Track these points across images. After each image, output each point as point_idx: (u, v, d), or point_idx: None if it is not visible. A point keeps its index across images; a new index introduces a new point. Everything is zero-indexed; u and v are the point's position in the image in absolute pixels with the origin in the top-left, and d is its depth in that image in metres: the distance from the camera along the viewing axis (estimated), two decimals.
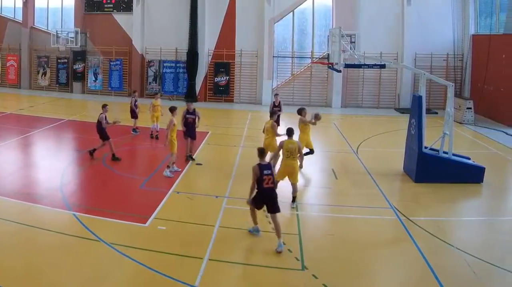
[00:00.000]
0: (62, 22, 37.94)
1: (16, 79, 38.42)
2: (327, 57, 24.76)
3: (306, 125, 17.09)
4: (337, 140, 22.34)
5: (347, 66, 18.50)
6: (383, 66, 18.69)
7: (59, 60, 37.15)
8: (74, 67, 36.79)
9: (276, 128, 16.49)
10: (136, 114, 22.88)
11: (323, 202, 14.49)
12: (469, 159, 16.64)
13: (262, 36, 33.06)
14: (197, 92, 34.07)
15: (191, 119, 18.07)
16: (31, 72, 38.31)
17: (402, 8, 31.64)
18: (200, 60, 33.75)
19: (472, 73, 31.03)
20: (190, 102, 18.63)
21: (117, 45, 35.62)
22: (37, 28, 38.25)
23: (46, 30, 37.78)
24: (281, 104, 21.14)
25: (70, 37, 35.68)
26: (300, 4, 33.40)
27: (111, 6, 36.03)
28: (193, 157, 18.31)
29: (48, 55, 37.39)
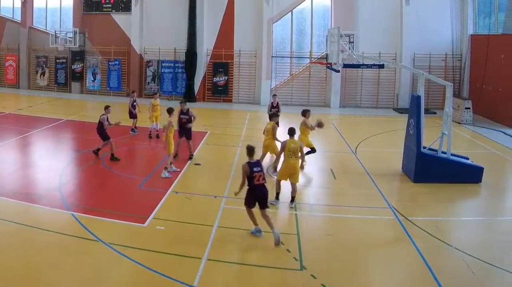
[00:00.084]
0: (61, 22, 37.91)
1: (15, 79, 38.42)
2: (326, 57, 24.72)
3: (307, 127, 17.18)
4: (335, 141, 22.35)
5: (346, 66, 18.51)
6: (381, 66, 18.73)
7: (57, 60, 37.14)
8: (72, 67, 36.80)
9: (276, 131, 16.57)
10: (134, 115, 22.87)
11: (322, 202, 14.49)
12: (467, 159, 16.65)
13: (261, 36, 33.09)
14: (195, 92, 34.10)
15: (184, 119, 18.15)
16: (29, 72, 38.28)
17: (400, 8, 31.66)
18: (198, 60, 33.78)
19: (470, 73, 31.08)
20: (184, 102, 18.63)
21: (115, 45, 35.61)
22: (35, 28, 38.24)
23: (45, 30, 37.77)
24: (279, 105, 21.13)
25: (69, 37, 35.66)
26: (299, 4, 33.42)
27: (109, 6, 36.03)
28: (192, 155, 18.47)
29: (47, 55, 37.37)
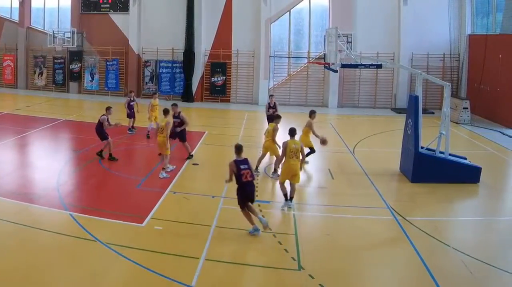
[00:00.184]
0: (59, 22, 37.81)
1: (13, 79, 38.38)
2: (324, 57, 24.77)
3: (310, 129, 17.30)
4: (333, 140, 22.29)
5: (344, 66, 18.48)
6: (379, 66, 18.73)
7: (55, 60, 37.10)
8: (70, 67, 36.76)
9: (276, 133, 16.57)
10: (131, 114, 22.88)
11: (320, 202, 14.49)
12: (465, 159, 16.66)
13: (259, 36, 33.07)
14: (193, 92, 34.10)
15: (176, 123, 18.10)
16: (27, 72, 38.24)
17: (398, 8, 31.68)
18: (196, 60, 33.78)
19: (468, 73, 31.10)
20: (176, 105, 18.61)
21: (113, 45, 35.59)
22: (33, 28, 38.19)
23: (43, 30, 37.71)
24: (276, 105, 21.10)
25: (67, 37, 35.59)
26: (297, 4, 33.43)
27: (107, 6, 36.00)
28: (192, 155, 18.51)
29: (45, 55, 37.33)
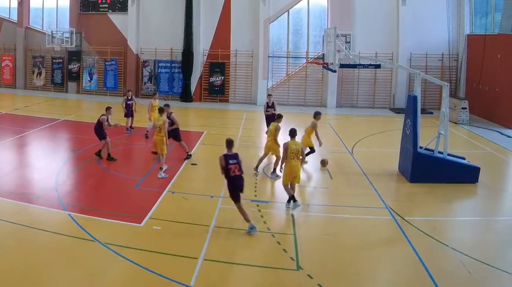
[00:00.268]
0: (57, 22, 37.80)
1: (11, 79, 38.33)
2: (322, 57, 24.79)
3: (313, 130, 17.37)
4: (332, 140, 22.32)
5: (342, 66, 18.49)
6: (378, 66, 18.70)
7: (54, 60, 37.08)
8: (69, 67, 36.74)
9: (278, 132, 16.56)
10: (128, 113, 22.93)
11: (318, 202, 14.49)
12: (464, 159, 16.68)
13: (257, 36, 33.07)
14: (192, 92, 34.08)
15: (168, 123, 18.03)
16: (26, 72, 38.21)
17: (397, 8, 31.69)
18: (195, 60, 33.77)
19: (467, 73, 31.12)
20: (167, 106, 18.58)
21: (112, 45, 35.56)
22: (32, 28, 38.17)
23: (41, 30, 37.72)
24: (274, 104, 21.12)
25: (65, 37, 35.61)
26: (295, 4, 33.42)
27: (106, 6, 35.99)
28: (190, 154, 18.57)
29: (43, 55, 37.31)
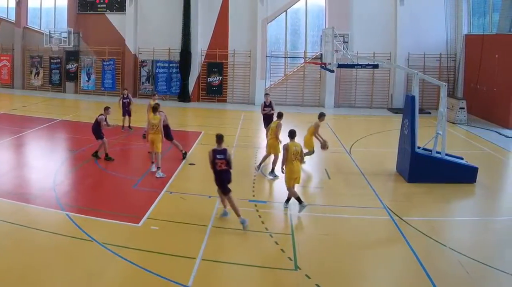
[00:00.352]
0: (55, 22, 37.81)
1: (9, 79, 38.27)
2: (320, 57, 24.82)
3: (315, 130, 17.49)
4: (330, 140, 22.16)
5: (340, 66, 18.51)
6: (376, 66, 18.73)
7: (52, 60, 37.05)
8: (67, 67, 36.71)
9: (280, 130, 16.54)
10: (123, 112, 23.02)
11: (316, 202, 14.46)
12: (462, 159, 16.69)
13: (255, 36, 33.08)
14: (190, 92, 34.07)
15: None
16: (24, 72, 38.18)
17: (395, 8, 31.71)
18: (193, 60, 33.76)
19: (465, 73, 31.14)
20: (158, 105, 18.61)
21: (110, 45, 35.53)
22: (30, 28, 38.13)
23: (39, 30, 37.67)
24: (272, 103, 20.93)
25: (63, 37, 35.55)
26: (293, 4, 33.42)
27: (104, 6, 35.96)
28: (186, 152, 18.58)
29: (41, 55, 37.27)
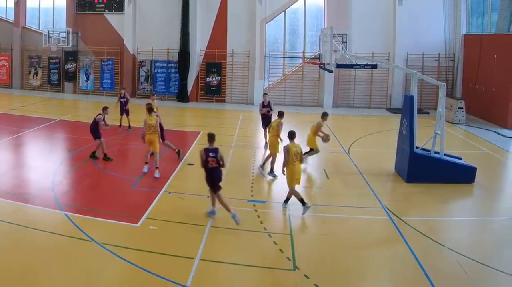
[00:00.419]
0: (54, 22, 37.73)
1: (8, 79, 38.23)
2: (319, 57, 24.76)
3: (318, 129, 17.53)
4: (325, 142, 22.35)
5: (339, 66, 18.48)
6: (374, 66, 18.76)
7: (50, 60, 37.00)
8: (65, 67, 36.67)
9: (281, 128, 16.54)
10: (121, 111, 23.13)
11: (315, 202, 14.43)
12: (460, 159, 16.69)
13: (254, 36, 33.07)
14: (188, 92, 34.07)
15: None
16: (22, 72, 38.12)
17: (393, 8, 31.70)
18: (191, 60, 33.74)
19: (463, 73, 31.15)
20: (149, 105, 18.68)
21: (108, 45, 35.50)
22: (28, 28, 38.07)
23: (38, 30, 37.61)
24: (270, 103, 20.79)
25: (62, 37, 35.47)
26: (292, 4, 33.41)
27: (102, 6, 35.91)
28: (179, 150, 18.49)
29: (40, 55, 37.22)
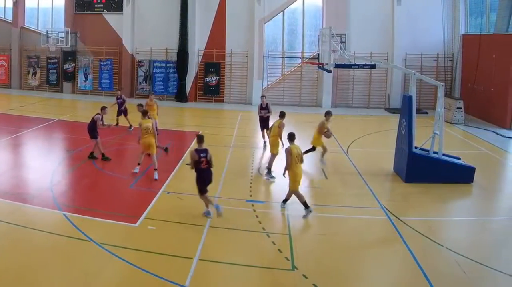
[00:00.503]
0: (53, 22, 37.67)
1: (6, 79, 38.20)
2: (317, 57, 24.74)
3: (321, 128, 17.61)
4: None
5: (337, 66, 18.47)
6: (373, 66, 18.78)
7: (49, 60, 36.97)
8: (64, 67, 36.63)
9: (282, 128, 16.50)
10: (118, 112, 23.22)
11: (313, 202, 14.41)
12: (459, 159, 16.70)
13: (252, 36, 33.05)
14: (187, 92, 34.06)
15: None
16: (21, 72, 38.09)
17: (392, 8, 31.69)
18: (190, 60, 33.74)
19: (462, 73, 31.15)
20: (141, 105, 18.85)
21: (107, 45, 35.49)
22: (27, 28, 38.04)
23: (36, 30, 37.56)
24: (269, 106, 20.60)
25: (60, 37, 35.44)
26: (290, 4, 33.42)
27: (101, 6, 35.88)
28: (167, 147, 18.49)
29: (38, 55, 37.18)
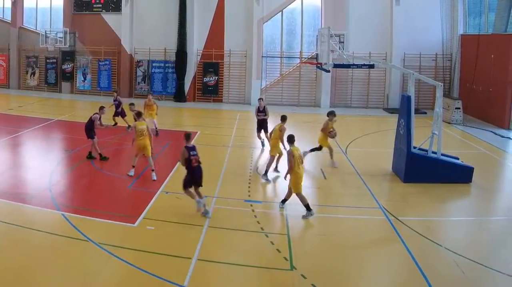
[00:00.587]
0: (51, 22, 37.69)
1: (5, 79, 38.20)
2: (316, 57, 24.77)
3: (326, 128, 17.70)
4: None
5: (336, 66, 18.47)
6: (371, 66, 18.72)
7: (48, 60, 36.98)
8: (63, 67, 36.64)
9: (284, 132, 16.36)
10: (116, 113, 23.25)
11: (312, 202, 14.36)
12: (457, 159, 16.71)
13: (251, 36, 33.06)
14: (186, 92, 34.07)
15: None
16: (20, 72, 38.09)
17: (390, 8, 31.72)
18: (189, 60, 33.76)
19: (461, 73, 31.20)
20: (133, 104, 19.04)
21: (106, 45, 35.49)
22: (26, 28, 38.03)
23: (35, 30, 37.61)
24: (266, 109, 20.34)
25: (59, 37, 35.51)
26: (289, 4, 33.43)
27: (100, 6, 35.89)
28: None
29: (37, 55, 37.20)
